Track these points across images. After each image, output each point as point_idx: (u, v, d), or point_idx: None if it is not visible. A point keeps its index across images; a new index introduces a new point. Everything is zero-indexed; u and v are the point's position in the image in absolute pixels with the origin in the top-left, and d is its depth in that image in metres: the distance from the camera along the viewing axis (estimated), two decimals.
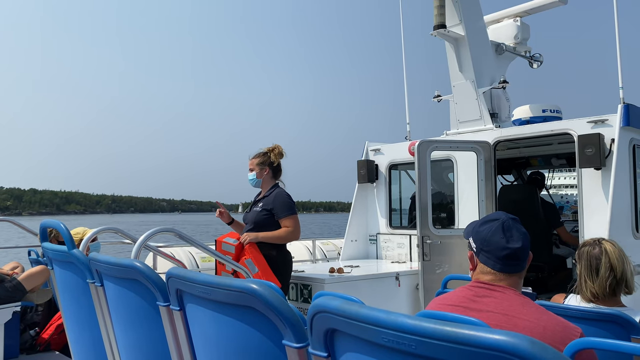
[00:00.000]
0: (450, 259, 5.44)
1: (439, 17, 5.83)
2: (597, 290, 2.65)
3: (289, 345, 1.38)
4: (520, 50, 6.75)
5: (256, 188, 4.77)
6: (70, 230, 2.95)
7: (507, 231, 1.87)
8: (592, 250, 2.70)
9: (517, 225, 1.90)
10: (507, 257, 1.85)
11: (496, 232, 1.88)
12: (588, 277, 2.68)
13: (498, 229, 1.88)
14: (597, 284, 2.65)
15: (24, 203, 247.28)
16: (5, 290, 4.49)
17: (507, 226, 1.88)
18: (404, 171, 6.97)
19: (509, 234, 1.86)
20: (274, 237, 4.45)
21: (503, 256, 1.86)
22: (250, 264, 4.31)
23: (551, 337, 1.67)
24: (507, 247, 1.85)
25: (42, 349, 4.98)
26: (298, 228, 4.51)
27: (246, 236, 4.43)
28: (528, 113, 5.94)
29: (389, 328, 1.03)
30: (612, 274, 2.62)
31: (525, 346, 0.81)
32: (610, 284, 2.62)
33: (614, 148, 4.74)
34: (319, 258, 8.25)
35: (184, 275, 1.78)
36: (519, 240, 1.86)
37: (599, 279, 2.64)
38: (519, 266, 1.88)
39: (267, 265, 4.37)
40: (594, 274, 2.66)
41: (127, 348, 2.44)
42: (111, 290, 2.45)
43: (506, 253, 1.85)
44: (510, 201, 6.54)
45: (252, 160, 4.73)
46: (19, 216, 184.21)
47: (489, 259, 1.88)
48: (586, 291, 2.69)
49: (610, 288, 2.63)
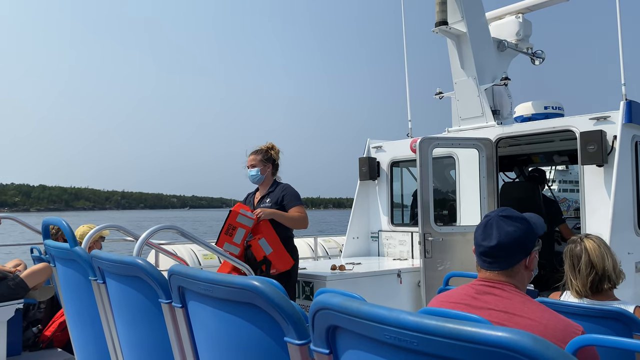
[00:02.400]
0: (451, 256, 5.44)
1: (440, 13, 5.82)
2: (580, 288, 2.71)
3: (291, 342, 1.38)
4: (522, 47, 6.72)
5: (255, 184, 4.75)
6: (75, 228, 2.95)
7: (488, 229, 1.88)
8: (575, 248, 2.77)
9: (502, 223, 1.86)
10: (482, 254, 1.90)
11: (478, 229, 1.92)
12: (572, 275, 2.75)
13: (481, 226, 1.92)
14: (579, 282, 2.71)
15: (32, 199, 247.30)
16: (7, 288, 4.50)
17: (489, 224, 1.89)
18: (406, 168, 6.96)
19: (488, 232, 1.88)
20: (287, 217, 4.44)
21: (479, 253, 1.91)
22: (264, 244, 4.28)
23: (552, 335, 1.66)
24: (481, 245, 1.89)
25: (45, 346, 5.00)
26: (307, 217, 4.54)
27: (261, 212, 4.35)
28: (530, 110, 5.93)
29: (391, 325, 1.03)
30: (592, 270, 2.68)
31: (528, 343, 0.81)
32: (593, 281, 2.68)
33: (616, 145, 4.73)
34: (321, 255, 8.25)
35: (186, 273, 1.79)
36: (494, 239, 1.85)
37: (580, 276, 2.70)
38: (498, 264, 1.86)
39: (281, 245, 4.35)
40: (576, 272, 2.72)
41: (129, 345, 2.45)
42: (113, 287, 2.45)
43: (480, 250, 1.90)
44: (512, 198, 6.53)
45: (254, 157, 4.69)
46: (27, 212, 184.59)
47: (475, 255, 1.95)
48: (572, 289, 2.76)
49: (593, 284, 2.68)
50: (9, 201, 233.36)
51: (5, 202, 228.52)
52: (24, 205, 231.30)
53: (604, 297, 2.70)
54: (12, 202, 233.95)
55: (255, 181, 4.70)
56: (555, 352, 0.80)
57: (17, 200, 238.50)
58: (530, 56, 6.82)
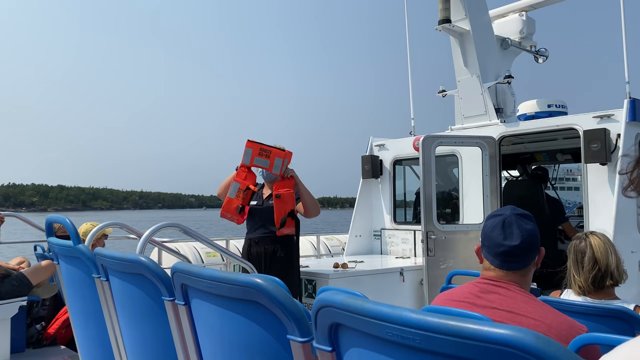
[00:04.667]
0: (454, 254, 5.43)
1: (444, 11, 5.81)
2: (582, 284, 2.70)
3: (294, 340, 1.39)
4: (525, 45, 6.71)
5: (265, 181, 4.73)
6: (77, 225, 2.96)
7: (507, 228, 1.84)
8: (579, 244, 2.75)
9: (520, 221, 1.86)
10: (503, 254, 1.84)
11: (496, 228, 1.86)
12: (575, 271, 2.74)
13: (498, 224, 1.86)
14: (582, 277, 2.70)
15: (50, 199, 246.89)
16: (11, 285, 4.51)
17: (507, 222, 1.85)
18: (409, 166, 6.96)
19: (508, 231, 1.84)
20: (308, 192, 4.57)
21: (499, 253, 1.85)
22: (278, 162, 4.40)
23: (556, 335, 1.65)
24: (502, 244, 1.83)
25: (49, 343, 5.02)
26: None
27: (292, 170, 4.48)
28: (533, 108, 5.91)
29: (393, 322, 1.03)
30: (595, 266, 2.67)
31: (530, 340, 0.81)
32: (595, 277, 2.67)
33: (619, 143, 4.72)
34: (323, 253, 8.25)
35: (189, 270, 1.79)
36: (517, 238, 1.82)
37: (583, 272, 2.70)
38: (518, 263, 1.85)
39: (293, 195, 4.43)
40: (580, 267, 2.72)
41: (132, 342, 2.45)
42: (116, 284, 2.46)
43: (502, 250, 1.84)
44: (515, 197, 6.52)
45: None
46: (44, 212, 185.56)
47: (489, 255, 1.89)
48: (574, 285, 2.75)
49: (595, 280, 2.67)
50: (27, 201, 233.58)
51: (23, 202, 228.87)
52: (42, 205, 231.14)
53: (605, 295, 2.69)
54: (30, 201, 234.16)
55: (268, 179, 4.69)
56: (558, 350, 0.80)
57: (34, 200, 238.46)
58: (533, 54, 6.81)
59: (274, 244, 4.45)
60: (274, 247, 4.45)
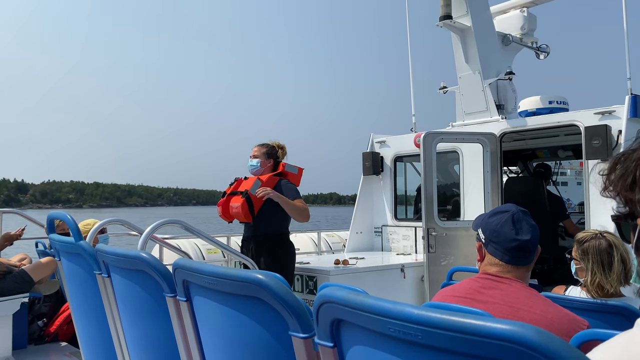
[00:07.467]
0: (455, 250, 5.43)
1: (445, 7, 5.80)
2: (611, 284, 2.60)
3: (295, 336, 1.39)
4: (526, 41, 6.69)
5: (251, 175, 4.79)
6: (79, 222, 2.96)
7: (517, 223, 1.88)
8: (600, 245, 2.63)
9: (526, 217, 1.91)
10: (515, 249, 1.86)
11: (506, 224, 1.88)
12: (600, 273, 2.61)
13: (508, 220, 1.88)
14: (611, 278, 2.60)
15: (85, 196, 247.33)
16: (13, 282, 4.52)
17: (517, 218, 1.89)
18: (410, 163, 6.95)
19: (519, 226, 1.87)
20: (291, 205, 4.43)
21: (512, 248, 1.86)
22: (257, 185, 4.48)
23: (558, 330, 1.66)
24: (516, 239, 1.86)
25: (50, 339, 5.03)
26: (308, 210, 4.59)
27: (270, 191, 4.37)
28: (534, 104, 5.90)
29: (395, 318, 1.03)
30: (623, 266, 2.61)
31: (532, 335, 0.81)
32: (623, 276, 2.62)
33: (621, 139, 4.71)
34: (324, 250, 8.26)
35: (191, 266, 1.79)
36: (528, 233, 1.86)
37: (613, 273, 2.59)
38: (527, 258, 1.88)
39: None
40: (607, 269, 2.60)
41: (134, 339, 2.46)
42: (118, 281, 2.46)
43: (515, 245, 1.86)
44: (516, 193, 6.51)
45: (259, 148, 4.76)
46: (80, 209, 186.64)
47: (498, 250, 1.89)
48: (595, 287, 2.63)
49: (620, 279, 2.62)
50: (63, 197, 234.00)
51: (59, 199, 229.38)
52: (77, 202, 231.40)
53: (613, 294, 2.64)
54: (66, 198, 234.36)
55: (253, 172, 4.75)
56: (560, 345, 0.80)
57: (70, 197, 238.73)
58: (534, 50, 6.79)
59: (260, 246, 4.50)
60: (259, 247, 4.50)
